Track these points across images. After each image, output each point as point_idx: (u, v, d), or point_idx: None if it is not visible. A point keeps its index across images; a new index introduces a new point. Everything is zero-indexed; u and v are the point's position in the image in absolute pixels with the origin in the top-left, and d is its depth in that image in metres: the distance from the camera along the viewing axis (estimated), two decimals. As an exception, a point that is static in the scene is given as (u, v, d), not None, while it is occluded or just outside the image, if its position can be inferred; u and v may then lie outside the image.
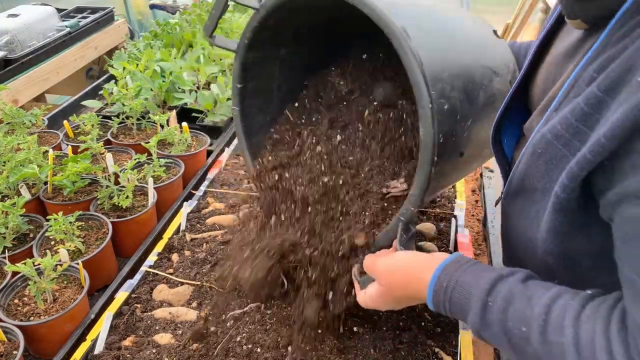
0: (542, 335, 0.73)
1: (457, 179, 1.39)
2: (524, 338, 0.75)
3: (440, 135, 0.92)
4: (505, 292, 0.78)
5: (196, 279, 1.37)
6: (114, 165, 1.60)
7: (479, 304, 0.79)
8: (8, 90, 2.52)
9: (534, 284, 0.79)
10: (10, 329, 1.16)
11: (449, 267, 0.86)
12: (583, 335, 0.69)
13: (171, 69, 2.23)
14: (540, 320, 0.73)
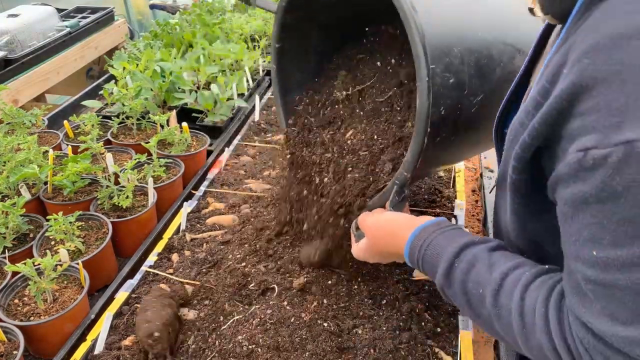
0: (494, 299, 0.79)
1: (473, 151, 1.38)
2: (480, 300, 0.82)
3: (441, 108, 0.97)
4: (470, 256, 0.85)
5: (196, 279, 1.37)
6: (114, 165, 1.60)
7: (446, 264, 0.87)
8: (8, 90, 2.52)
9: (500, 254, 0.85)
10: (10, 329, 1.16)
11: (428, 228, 0.94)
12: (527, 302, 0.75)
13: (171, 69, 2.23)
14: (495, 285, 0.79)
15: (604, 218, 0.62)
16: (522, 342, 0.77)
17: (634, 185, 0.58)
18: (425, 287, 1.31)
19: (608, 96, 0.58)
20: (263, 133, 2.18)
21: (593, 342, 0.67)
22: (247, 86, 2.43)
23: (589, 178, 0.62)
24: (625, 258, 0.61)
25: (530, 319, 0.74)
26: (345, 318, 1.22)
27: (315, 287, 1.29)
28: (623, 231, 0.61)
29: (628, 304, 0.63)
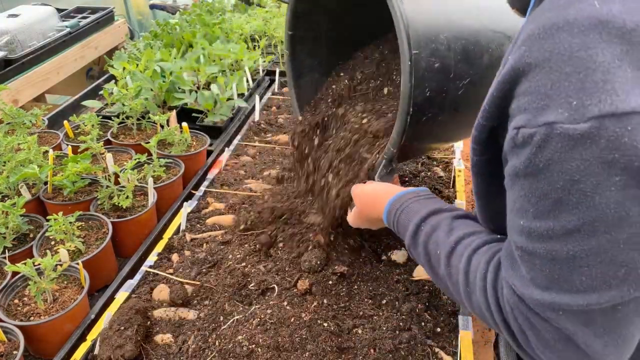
0: (448, 259, 0.89)
1: (461, 133, 1.44)
2: (437, 260, 0.92)
3: (426, 90, 1.07)
4: (435, 221, 0.96)
5: (196, 279, 1.37)
6: (114, 165, 1.60)
7: (413, 227, 0.97)
8: (8, 90, 2.52)
9: (461, 222, 0.95)
10: (11, 329, 1.16)
11: (405, 196, 1.05)
12: (473, 263, 0.84)
13: (171, 69, 2.23)
14: (449, 247, 0.89)
15: (529, 192, 0.68)
16: (467, 300, 0.86)
17: (551, 164, 0.63)
18: (425, 287, 1.31)
19: (538, 81, 0.64)
20: (263, 133, 2.18)
21: (517, 303, 0.74)
22: (247, 86, 2.43)
23: (519, 154, 0.68)
24: (543, 230, 0.68)
25: (472, 278, 0.83)
26: (345, 318, 1.22)
27: (315, 287, 1.29)
28: (542, 205, 0.67)
29: (545, 272, 0.69)
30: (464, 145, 1.95)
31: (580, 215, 0.64)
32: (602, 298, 0.66)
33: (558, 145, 0.62)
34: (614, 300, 0.66)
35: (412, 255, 1.00)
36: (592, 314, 0.68)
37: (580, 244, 0.65)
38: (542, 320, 0.72)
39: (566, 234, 0.65)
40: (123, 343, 1.14)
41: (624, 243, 0.63)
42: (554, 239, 0.67)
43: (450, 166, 1.84)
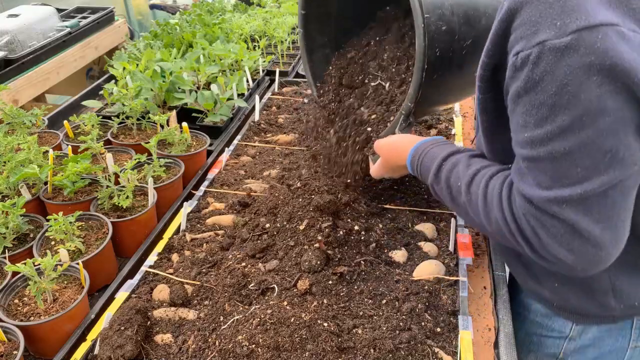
0: (468, 188, 1.04)
1: (466, 90, 1.61)
2: (458, 191, 1.06)
3: (436, 50, 1.26)
4: (455, 159, 1.11)
5: (196, 279, 1.37)
6: (114, 165, 1.60)
7: (436, 166, 1.13)
8: (8, 90, 2.52)
9: (477, 159, 1.09)
10: (11, 329, 1.16)
11: (426, 143, 1.21)
12: (489, 187, 0.99)
13: (171, 69, 2.23)
14: (469, 178, 1.04)
15: (530, 105, 0.84)
16: (486, 219, 1.00)
17: (545, 75, 0.80)
18: (425, 287, 1.31)
19: (529, 13, 0.82)
20: (263, 133, 2.18)
21: (527, 207, 0.90)
22: (247, 86, 2.43)
23: (519, 75, 0.84)
24: (543, 135, 0.84)
25: (490, 198, 0.98)
26: (345, 318, 1.22)
27: (315, 287, 1.29)
28: (542, 114, 0.83)
29: (548, 173, 0.86)
30: (463, 146, 1.95)
31: (570, 113, 0.80)
32: (595, 184, 0.82)
33: (549, 57, 0.79)
34: (605, 185, 0.82)
35: (434, 192, 1.16)
36: (589, 201, 0.83)
37: (574, 139, 0.81)
38: (549, 217, 0.86)
39: (562, 133, 0.82)
40: (123, 343, 1.14)
41: (605, 132, 0.80)
42: (553, 140, 0.83)
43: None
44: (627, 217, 0.87)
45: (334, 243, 1.38)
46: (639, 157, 0.82)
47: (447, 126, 2.11)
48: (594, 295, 1.11)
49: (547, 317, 1.24)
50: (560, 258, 0.89)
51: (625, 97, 0.79)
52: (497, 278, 1.38)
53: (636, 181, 0.86)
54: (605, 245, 0.86)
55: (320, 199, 1.43)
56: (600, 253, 0.87)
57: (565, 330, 1.21)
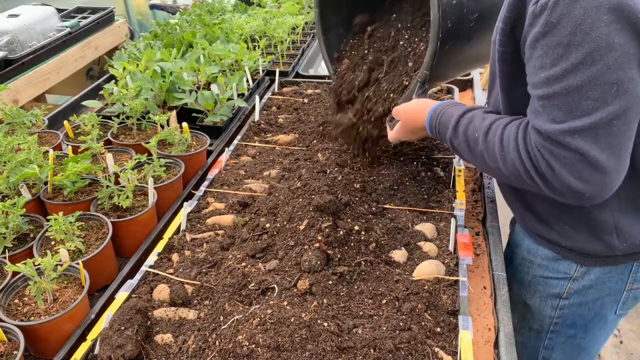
0: (485, 137, 1.15)
1: (476, 61, 1.77)
2: (475, 141, 1.17)
3: (448, 21, 1.40)
4: (471, 115, 1.22)
5: (196, 279, 1.37)
6: (114, 165, 1.60)
7: (454, 122, 1.24)
8: (8, 90, 2.52)
9: (492, 114, 1.20)
10: (11, 329, 1.16)
11: (442, 105, 1.33)
12: (505, 133, 1.11)
13: (171, 69, 2.23)
14: (485, 129, 1.15)
15: (547, 47, 0.97)
16: (502, 162, 1.11)
17: (562, 17, 0.93)
18: (425, 287, 1.31)
19: None
20: (263, 133, 2.18)
21: (541, 142, 1.01)
22: (247, 86, 2.43)
23: (538, 21, 0.96)
24: (559, 72, 0.96)
25: (506, 142, 1.09)
26: (345, 318, 1.22)
27: (315, 287, 1.30)
28: (557, 53, 0.95)
29: (562, 107, 0.97)
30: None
31: (583, 50, 0.92)
32: (603, 114, 0.94)
33: (565, 1, 0.92)
34: (611, 115, 0.94)
35: (453, 146, 1.27)
36: (597, 130, 0.95)
37: (585, 73, 0.93)
38: (562, 148, 0.98)
39: (575, 69, 0.94)
40: (123, 343, 1.14)
41: (612, 65, 0.92)
42: (567, 76, 0.95)
43: (450, 166, 1.84)
44: (629, 147, 0.99)
45: (334, 243, 1.38)
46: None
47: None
48: (599, 235, 1.22)
49: (553, 260, 1.37)
50: (572, 187, 1.00)
51: (629, 35, 0.91)
52: (497, 278, 1.38)
53: (638, 110, 0.97)
54: (610, 172, 0.97)
55: (320, 199, 1.43)
56: (605, 180, 0.98)
57: (570, 272, 1.34)
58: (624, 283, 1.32)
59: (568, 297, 1.38)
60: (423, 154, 1.92)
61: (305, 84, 2.59)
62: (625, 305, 1.37)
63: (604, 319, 1.40)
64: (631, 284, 1.32)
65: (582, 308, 1.39)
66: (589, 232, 1.24)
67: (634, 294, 1.35)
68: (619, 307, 1.37)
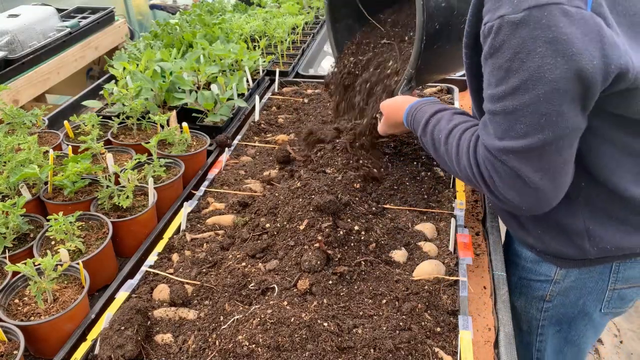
0: (446, 139, 1.23)
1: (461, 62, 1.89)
2: (439, 141, 1.25)
3: (435, 24, 1.44)
4: (440, 115, 1.30)
5: (196, 278, 1.37)
6: (114, 165, 1.60)
7: (424, 120, 1.32)
8: (8, 90, 2.53)
9: (459, 116, 1.27)
10: (11, 329, 1.16)
11: (420, 102, 1.40)
12: (462, 139, 1.18)
13: (171, 69, 2.23)
14: (447, 131, 1.23)
15: (493, 67, 1.01)
16: (457, 166, 1.19)
17: (503, 43, 0.97)
18: (425, 287, 1.31)
19: None
20: (263, 133, 2.18)
21: (486, 154, 1.08)
22: (247, 86, 2.43)
23: (486, 42, 1.01)
24: (500, 93, 1.01)
25: (461, 148, 1.17)
26: (346, 318, 1.22)
27: (315, 287, 1.30)
28: (500, 75, 1.00)
29: (501, 125, 1.03)
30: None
31: (519, 77, 0.97)
32: (533, 140, 0.99)
33: (506, 29, 0.95)
34: (541, 142, 0.99)
35: (422, 144, 1.35)
36: (529, 153, 1.01)
37: (520, 99, 0.98)
38: (500, 163, 1.05)
39: (512, 92, 0.99)
40: (123, 343, 1.14)
41: (542, 97, 0.95)
42: (506, 98, 1.00)
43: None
44: (564, 169, 1.05)
45: (334, 243, 1.38)
46: (572, 123, 0.99)
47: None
48: (570, 239, 1.25)
49: (535, 262, 1.40)
50: (509, 199, 1.09)
51: (562, 72, 0.93)
52: (497, 278, 1.38)
53: (570, 141, 1.02)
54: (543, 190, 1.04)
55: (320, 199, 1.43)
56: (540, 196, 1.06)
57: (551, 274, 1.37)
58: (605, 283, 1.33)
59: (551, 299, 1.41)
60: (423, 154, 1.92)
61: (305, 84, 2.59)
62: (610, 304, 1.38)
63: (588, 316, 1.41)
64: (614, 284, 1.33)
65: (566, 307, 1.42)
66: (561, 236, 1.26)
67: (620, 294, 1.36)
68: (604, 306, 1.38)
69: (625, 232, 1.21)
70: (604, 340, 2.85)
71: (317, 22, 3.51)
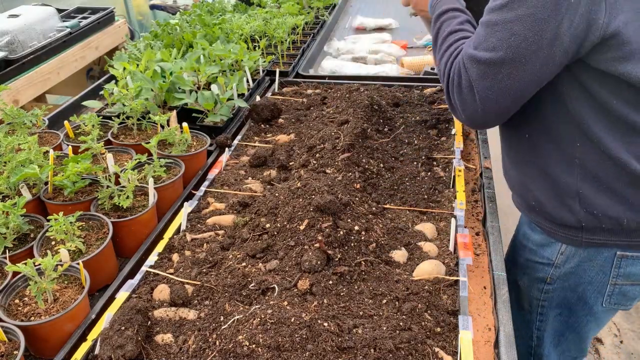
0: (447, 35, 1.36)
1: None
2: (442, 32, 1.39)
3: None
4: (457, 14, 1.41)
5: (196, 279, 1.37)
6: (114, 165, 1.60)
7: (443, 9, 1.43)
8: (9, 90, 2.53)
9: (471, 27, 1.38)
10: (11, 329, 1.16)
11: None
12: (459, 42, 1.31)
13: (171, 69, 2.23)
14: (452, 29, 1.36)
15: None
16: (440, 59, 1.34)
17: None
18: (425, 287, 1.31)
19: None
20: (263, 133, 2.18)
21: (459, 59, 1.22)
22: (247, 86, 2.43)
23: None
24: (493, 5, 1.12)
25: (451, 48, 1.30)
26: (346, 318, 1.22)
27: (315, 287, 1.30)
28: None
29: (480, 36, 1.15)
30: (464, 146, 1.95)
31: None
32: (496, 55, 1.11)
33: None
34: (501, 59, 1.11)
35: (433, 27, 1.45)
36: (488, 68, 1.13)
37: (504, 15, 1.09)
38: (465, 70, 1.19)
39: (500, 8, 1.10)
40: (123, 343, 1.14)
41: (519, 18, 1.06)
42: (495, 11, 1.12)
43: (450, 166, 1.84)
44: (508, 99, 1.16)
45: (334, 243, 1.38)
46: (535, 55, 1.08)
47: (447, 126, 2.11)
48: (563, 200, 1.31)
49: (540, 246, 1.47)
50: (457, 103, 1.23)
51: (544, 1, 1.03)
52: (497, 278, 1.38)
53: (525, 73, 1.11)
54: (484, 107, 1.18)
55: (321, 199, 1.43)
56: (478, 110, 1.19)
57: (552, 259, 1.44)
58: (606, 276, 1.38)
59: (552, 282, 1.49)
60: (423, 154, 1.92)
61: (305, 84, 2.59)
62: (612, 299, 1.42)
63: (588, 306, 1.46)
64: (615, 279, 1.37)
65: (565, 291, 1.48)
66: (556, 198, 1.33)
67: (621, 290, 1.39)
68: (605, 300, 1.42)
69: (613, 200, 1.26)
70: (604, 340, 2.85)
71: (317, 22, 3.51)
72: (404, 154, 1.94)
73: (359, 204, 1.56)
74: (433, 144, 2.01)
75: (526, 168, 1.38)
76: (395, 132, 2.07)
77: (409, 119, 2.16)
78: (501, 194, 1.71)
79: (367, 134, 1.92)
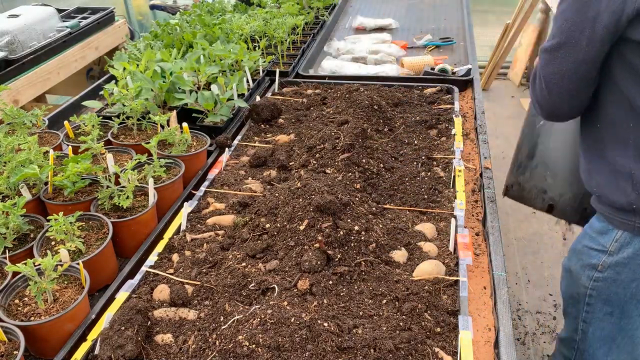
0: None
1: None
2: None
3: None
4: None
5: (196, 279, 1.37)
6: (114, 165, 1.60)
7: None
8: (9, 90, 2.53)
9: None
10: (11, 329, 1.16)
11: None
12: None
13: (171, 70, 2.23)
14: None
15: None
16: None
17: None
18: (425, 287, 1.31)
19: None
20: (263, 133, 2.18)
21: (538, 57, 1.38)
22: (247, 86, 2.43)
23: None
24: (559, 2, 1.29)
25: None
26: (346, 318, 1.22)
27: (315, 287, 1.30)
28: None
29: (550, 31, 1.32)
30: (464, 146, 1.95)
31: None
32: (554, 42, 1.30)
33: None
34: (557, 44, 1.29)
35: None
36: (549, 55, 1.32)
37: (561, 6, 1.27)
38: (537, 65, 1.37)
39: (561, 2, 1.28)
40: (123, 343, 1.14)
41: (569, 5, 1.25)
42: (558, 6, 1.29)
43: (450, 166, 1.84)
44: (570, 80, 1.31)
45: (334, 243, 1.38)
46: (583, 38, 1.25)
47: (447, 126, 2.11)
48: (617, 181, 1.37)
49: (598, 233, 1.49)
50: (533, 98, 1.42)
51: None
52: (497, 278, 1.38)
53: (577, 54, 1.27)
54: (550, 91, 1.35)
55: (321, 199, 1.43)
56: (546, 96, 1.37)
57: (607, 245, 1.46)
58: None
59: (602, 270, 1.49)
60: (423, 154, 1.92)
61: (305, 84, 2.59)
62: None
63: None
64: None
65: (617, 286, 1.47)
66: (611, 178, 1.39)
67: None
68: None
69: None
70: None
71: (317, 22, 3.51)
72: (404, 154, 1.94)
73: (359, 204, 1.56)
74: (433, 144, 2.01)
75: (591, 156, 1.46)
76: (395, 132, 2.07)
77: (409, 119, 2.16)
78: (501, 193, 1.71)
79: (367, 134, 1.92)
